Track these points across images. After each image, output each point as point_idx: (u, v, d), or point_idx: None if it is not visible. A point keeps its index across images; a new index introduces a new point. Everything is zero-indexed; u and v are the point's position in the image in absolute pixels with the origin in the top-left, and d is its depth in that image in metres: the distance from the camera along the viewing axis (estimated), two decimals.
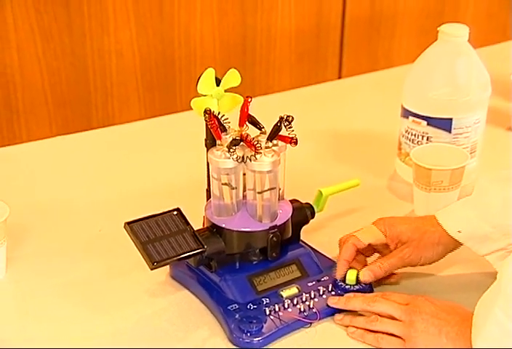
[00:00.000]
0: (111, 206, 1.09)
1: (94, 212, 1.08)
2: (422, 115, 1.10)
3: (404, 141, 1.14)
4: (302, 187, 1.00)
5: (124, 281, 0.94)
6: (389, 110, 1.24)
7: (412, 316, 0.83)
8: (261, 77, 1.55)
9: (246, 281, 0.89)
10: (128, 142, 1.27)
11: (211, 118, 0.85)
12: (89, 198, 1.11)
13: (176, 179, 1.15)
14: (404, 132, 1.13)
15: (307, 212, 0.96)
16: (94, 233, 1.03)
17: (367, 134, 1.29)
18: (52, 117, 1.39)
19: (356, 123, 1.32)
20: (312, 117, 1.32)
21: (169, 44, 1.43)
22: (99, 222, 1.05)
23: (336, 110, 1.37)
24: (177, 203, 0.90)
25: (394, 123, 1.17)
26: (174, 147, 1.25)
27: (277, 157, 0.86)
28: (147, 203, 1.00)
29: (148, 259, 0.84)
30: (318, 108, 1.37)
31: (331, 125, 1.32)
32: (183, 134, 1.27)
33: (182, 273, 0.93)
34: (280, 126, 0.86)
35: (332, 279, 0.91)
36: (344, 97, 1.43)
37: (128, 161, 1.21)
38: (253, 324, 0.84)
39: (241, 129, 0.88)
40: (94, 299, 0.91)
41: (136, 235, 0.85)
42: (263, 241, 0.89)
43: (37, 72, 1.34)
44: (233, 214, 0.90)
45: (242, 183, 0.89)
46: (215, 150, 0.87)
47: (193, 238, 0.87)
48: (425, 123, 1.11)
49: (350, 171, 1.15)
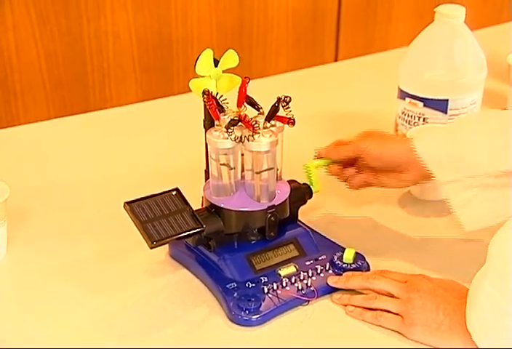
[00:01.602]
0: (110, 187, 1.09)
1: (93, 193, 1.08)
2: (418, 97, 1.11)
3: (400, 122, 1.15)
4: (300, 167, 1.01)
5: (123, 260, 0.95)
6: (386, 92, 1.25)
7: (410, 293, 0.84)
8: (258, 60, 1.55)
9: (245, 260, 0.90)
10: (126, 124, 1.27)
11: (209, 99, 0.86)
12: (88, 180, 1.11)
13: (175, 160, 1.16)
14: (401, 114, 1.14)
15: (304, 192, 0.97)
16: (94, 213, 1.04)
17: (364, 115, 1.29)
18: (50, 99, 1.39)
19: (353, 105, 1.33)
20: (309, 99, 1.32)
21: (165, 26, 1.43)
22: (98, 203, 1.06)
23: (333, 93, 1.37)
24: (176, 184, 0.91)
25: (391, 104, 1.17)
26: (172, 129, 1.25)
27: (275, 137, 0.87)
28: (146, 184, 1.01)
29: (148, 238, 0.85)
30: (315, 91, 1.38)
31: (328, 107, 1.32)
32: (181, 116, 1.27)
33: (181, 253, 0.94)
34: (278, 106, 0.87)
35: (330, 258, 0.92)
36: (341, 79, 1.43)
37: (127, 142, 1.22)
38: (251, 302, 0.85)
39: (240, 109, 0.88)
40: (93, 279, 0.92)
41: (135, 215, 0.86)
42: (261, 220, 0.91)
43: (34, 54, 1.35)
44: (231, 194, 0.91)
45: (240, 163, 0.90)
46: (213, 131, 0.87)
47: (191, 217, 0.88)
48: (422, 105, 1.11)
49: None
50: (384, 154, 0.94)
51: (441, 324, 0.82)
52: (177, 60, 1.47)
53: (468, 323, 0.79)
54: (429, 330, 0.82)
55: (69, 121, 1.28)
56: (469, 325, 0.79)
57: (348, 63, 1.51)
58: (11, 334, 0.84)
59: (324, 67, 1.50)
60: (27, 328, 0.85)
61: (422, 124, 1.12)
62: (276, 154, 0.89)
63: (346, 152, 0.97)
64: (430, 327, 0.82)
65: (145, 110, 1.33)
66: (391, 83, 1.18)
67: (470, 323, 0.79)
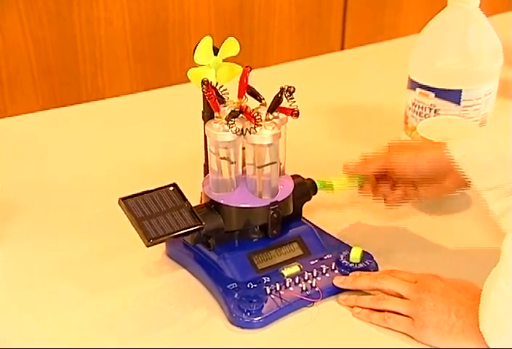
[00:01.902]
0: (104, 182, 1.11)
1: (87, 189, 1.10)
2: (429, 87, 1.12)
3: (410, 114, 1.16)
4: (304, 161, 1.03)
5: (119, 259, 0.96)
6: (395, 82, 1.26)
7: (421, 294, 0.85)
8: (259, 48, 1.56)
9: (246, 259, 0.92)
10: (120, 117, 1.28)
11: (208, 89, 0.87)
12: (81, 175, 1.13)
13: (172, 154, 1.17)
14: (411, 105, 1.16)
15: (309, 188, 0.98)
16: (87, 210, 1.05)
17: (371, 107, 1.30)
18: (38, 89, 1.40)
19: (360, 96, 1.34)
20: (313, 90, 1.34)
21: (161, 12, 1.43)
22: (91, 199, 1.07)
23: (339, 83, 1.38)
24: (174, 179, 0.92)
25: (400, 95, 1.19)
26: (169, 121, 1.26)
27: (278, 130, 0.88)
28: (142, 179, 1.02)
29: (144, 235, 0.86)
30: (320, 81, 1.39)
31: (333, 98, 1.34)
32: (178, 108, 1.28)
33: (179, 252, 0.95)
34: (281, 97, 0.88)
35: (335, 257, 0.94)
36: (347, 68, 1.44)
37: (121, 136, 1.23)
38: (253, 303, 0.87)
39: (240, 100, 0.89)
40: (88, 278, 0.93)
41: (131, 212, 0.87)
42: (263, 217, 0.92)
43: (21, 40, 1.34)
44: (231, 189, 0.92)
45: (241, 157, 0.91)
46: (213, 123, 0.89)
47: (190, 214, 0.89)
48: (433, 95, 1.12)
49: (353, 146, 1.16)
50: (420, 165, 0.94)
51: (453, 327, 0.83)
52: (174, 48, 1.48)
53: (481, 323, 0.80)
54: (441, 333, 0.83)
55: (60, 113, 1.29)
56: (481, 325, 0.80)
57: (355, 52, 1.52)
58: (8, 335, 0.85)
59: (329, 56, 1.51)
60: (24, 328, 0.86)
61: (434, 116, 1.13)
62: (278, 147, 0.90)
63: (376, 167, 0.96)
64: (441, 330, 0.83)
65: (141, 102, 1.34)
66: (401, 73, 1.19)
67: (482, 323, 0.80)
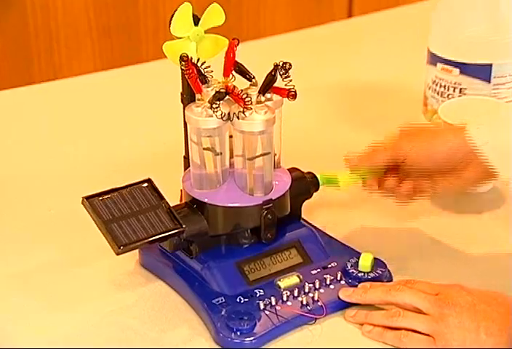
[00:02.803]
0: (63, 178, 1.12)
1: (42, 187, 1.11)
2: (453, 61, 1.14)
3: (430, 94, 1.18)
4: (303, 152, 1.04)
5: (83, 270, 0.98)
6: (412, 56, 1.28)
7: (444, 309, 0.87)
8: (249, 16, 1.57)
9: (235, 268, 0.93)
10: (81, 100, 1.30)
11: (188, 67, 0.89)
12: (33, 170, 1.14)
13: (145, 144, 1.18)
14: (431, 83, 1.17)
15: (309, 184, 1.00)
16: (44, 213, 1.07)
17: (384, 86, 1.32)
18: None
19: (370, 74, 1.36)
20: (314, 67, 1.35)
21: None
22: (49, 199, 1.08)
23: (344, 58, 1.40)
24: (148, 174, 0.93)
25: (418, 72, 1.21)
26: (141, 105, 1.28)
27: (271, 114, 0.90)
28: (109, 175, 1.05)
29: (113, 242, 0.88)
30: (322, 56, 1.40)
31: (338, 76, 1.35)
32: (152, 90, 1.30)
33: (155, 260, 0.97)
34: (275, 75, 0.90)
35: (342, 265, 0.96)
36: (355, 40, 1.46)
37: (82, 123, 1.25)
38: (244, 321, 0.88)
39: (227, 79, 0.91)
40: (47, 293, 0.95)
41: (97, 213, 0.89)
42: (255, 219, 0.94)
43: None
44: (217, 186, 0.94)
45: (228, 148, 0.93)
46: (194, 107, 0.90)
47: (168, 215, 0.91)
48: (458, 72, 1.14)
49: (362, 134, 1.19)
50: (435, 153, 0.96)
51: (483, 347, 0.85)
52: (145, 18, 1.49)
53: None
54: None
55: (5, 97, 1.30)
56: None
57: (364, 20, 1.54)
58: None
59: (333, 26, 1.52)
60: None
61: (459, 96, 1.15)
62: (272, 135, 0.92)
63: (384, 157, 0.98)
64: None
65: (105, 82, 1.35)
66: (419, 45, 1.21)
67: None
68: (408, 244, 1.03)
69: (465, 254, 1.01)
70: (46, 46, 1.44)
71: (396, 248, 1.01)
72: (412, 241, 1.03)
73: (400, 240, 1.03)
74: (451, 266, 0.99)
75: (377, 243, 1.02)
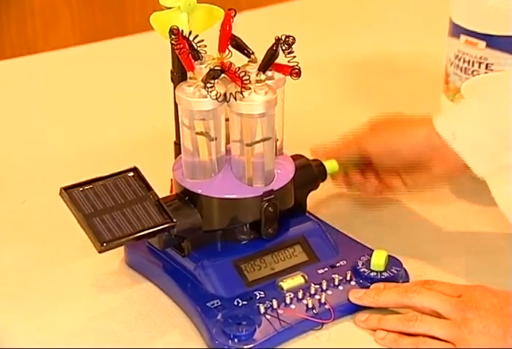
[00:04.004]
0: (39, 167, 1.13)
1: (15, 176, 1.12)
2: (479, 33, 1.14)
3: (453, 71, 1.18)
4: (308, 137, 1.04)
5: (61, 271, 0.98)
6: (431, 27, 1.28)
7: (466, 312, 0.88)
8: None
9: (233, 267, 0.94)
10: (59, 78, 1.30)
11: (179, 41, 0.89)
12: (7, 158, 1.15)
13: (131, 128, 1.19)
14: (454, 58, 1.18)
15: (316, 172, 1.01)
16: (17, 205, 1.07)
17: (400, 61, 1.32)
18: None
19: (384, 48, 1.36)
20: (321, 40, 1.35)
21: None
22: (23, 190, 1.09)
23: (356, 29, 1.40)
24: (134, 162, 0.94)
25: (439, 45, 1.21)
26: (126, 84, 1.28)
27: (272, 94, 0.90)
28: (90, 163, 1.05)
29: (95, 238, 0.88)
30: (329, 27, 1.40)
31: (348, 50, 1.36)
32: (137, 66, 1.30)
33: (143, 259, 0.98)
34: (276, 51, 0.90)
35: (352, 264, 0.96)
36: (366, 9, 1.46)
37: (59, 105, 1.25)
38: (242, 327, 0.89)
39: (222, 55, 0.92)
40: (19, 296, 0.95)
41: (77, 206, 0.89)
42: (255, 212, 0.94)
43: None
44: (212, 175, 0.94)
45: (224, 132, 0.93)
46: (186, 86, 0.90)
47: (156, 208, 0.91)
48: (484, 45, 1.14)
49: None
50: (399, 149, 1.00)
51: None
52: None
53: None
54: None
55: None
56: None
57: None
58: None
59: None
60: None
61: (485, 73, 1.15)
62: (274, 118, 0.92)
63: (349, 152, 1.03)
64: None
65: (86, 58, 1.35)
66: (439, 15, 1.21)
67: None
68: (427, 241, 1.03)
69: (491, 250, 1.01)
70: (18, 16, 1.44)
71: (413, 244, 1.02)
72: (432, 237, 1.04)
73: (417, 235, 1.04)
74: (474, 266, 0.99)
75: (391, 238, 1.02)
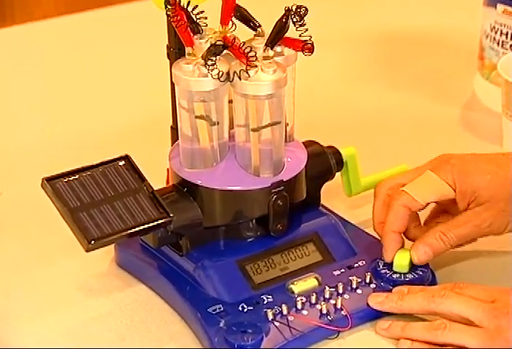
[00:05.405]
0: (18, 155, 1.14)
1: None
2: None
3: (488, 45, 1.19)
4: (322, 121, 1.05)
5: (44, 272, 0.99)
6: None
7: (501, 320, 0.89)
8: None
9: (237, 268, 0.95)
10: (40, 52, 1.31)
11: (176, 12, 0.89)
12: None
13: (122, 112, 1.20)
14: (490, 31, 1.18)
15: (331, 161, 1.02)
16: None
17: (428, 35, 1.33)
18: None
19: (409, 19, 1.37)
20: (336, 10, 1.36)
21: None
22: (0, 182, 1.09)
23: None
24: (126, 150, 0.95)
25: (473, 16, 1.22)
26: (116, 61, 1.29)
27: (282, 73, 0.91)
28: (76, 151, 1.06)
29: (82, 235, 0.89)
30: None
31: (369, 23, 1.36)
32: (129, 41, 1.31)
33: (136, 259, 0.99)
34: (286, 23, 0.91)
35: (371, 265, 0.97)
36: None
37: (43, 84, 1.26)
38: (248, 335, 0.89)
39: (225, 28, 0.92)
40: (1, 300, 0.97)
41: (61, 199, 0.90)
42: (262, 206, 0.95)
43: None
44: (213, 164, 0.95)
45: (228, 116, 0.94)
46: (184, 64, 0.91)
47: (151, 202, 0.92)
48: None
49: (400, 97, 1.20)
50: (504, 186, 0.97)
51: None
52: None
53: None
54: None
55: None
56: None
57: None
58: None
59: None
60: None
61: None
62: (283, 100, 0.93)
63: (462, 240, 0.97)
64: None
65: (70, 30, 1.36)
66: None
67: None
68: None
69: None
70: None
71: None
72: None
73: None
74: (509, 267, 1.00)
75: None
